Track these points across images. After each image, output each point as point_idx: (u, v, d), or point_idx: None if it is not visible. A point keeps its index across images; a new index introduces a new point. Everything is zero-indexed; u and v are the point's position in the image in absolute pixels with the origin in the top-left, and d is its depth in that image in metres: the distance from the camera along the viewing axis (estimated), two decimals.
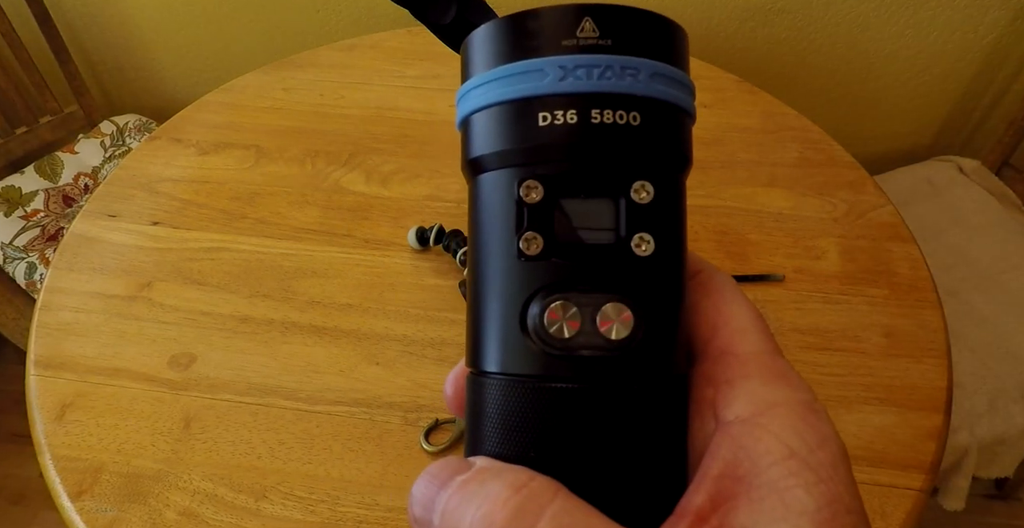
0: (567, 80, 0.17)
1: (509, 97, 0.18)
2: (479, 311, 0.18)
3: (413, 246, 0.69)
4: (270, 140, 0.83)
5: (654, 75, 0.17)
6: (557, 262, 0.17)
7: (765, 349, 0.19)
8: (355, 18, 1.23)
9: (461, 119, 0.19)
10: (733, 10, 1.14)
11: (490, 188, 0.18)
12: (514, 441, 0.17)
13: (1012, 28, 1.11)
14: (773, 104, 0.87)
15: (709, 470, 0.17)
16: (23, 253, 1.06)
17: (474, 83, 0.18)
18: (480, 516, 0.15)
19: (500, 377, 0.18)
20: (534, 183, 0.17)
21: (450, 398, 0.21)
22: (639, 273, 0.17)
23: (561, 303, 0.17)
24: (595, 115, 0.17)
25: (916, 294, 0.65)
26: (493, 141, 0.18)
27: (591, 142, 0.17)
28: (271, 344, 0.61)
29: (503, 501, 0.15)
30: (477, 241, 0.19)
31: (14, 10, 1.12)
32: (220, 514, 0.51)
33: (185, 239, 0.71)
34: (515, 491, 0.15)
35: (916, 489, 0.52)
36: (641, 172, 0.18)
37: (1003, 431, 0.85)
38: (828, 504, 0.15)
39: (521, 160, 0.18)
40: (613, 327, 0.17)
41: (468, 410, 0.19)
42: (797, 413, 0.17)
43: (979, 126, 1.26)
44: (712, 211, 0.74)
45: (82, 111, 1.24)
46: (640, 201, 0.17)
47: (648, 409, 0.17)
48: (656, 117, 0.18)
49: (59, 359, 0.60)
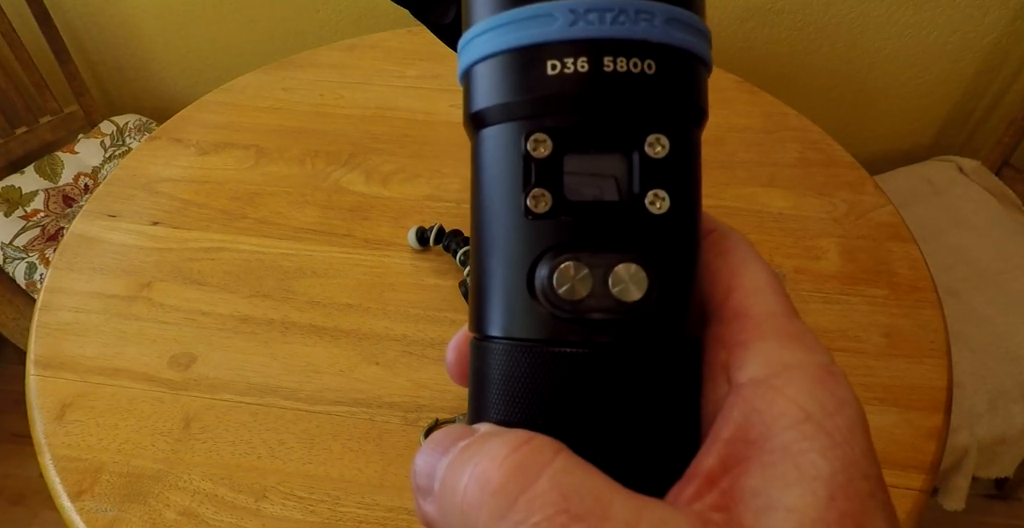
0: (578, 25, 0.16)
1: (515, 44, 0.16)
2: (483, 273, 0.18)
3: (413, 246, 0.69)
4: (270, 140, 0.83)
5: (670, 20, 0.16)
6: (567, 220, 0.16)
7: (781, 310, 0.18)
8: (355, 18, 1.23)
9: (463, 70, 0.18)
10: (733, 10, 1.14)
11: (494, 143, 0.17)
12: (520, 408, 0.16)
13: (1012, 28, 1.11)
14: (773, 104, 0.87)
15: (720, 433, 0.16)
16: (23, 253, 1.06)
17: (477, 30, 0.17)
18: (476, 474, 0.14)
19: (506, 342, 0.17)
20: (542, 136, 0.16)
21: (451, 365, 0.20)
22: (653, 232, 0.17)
23: (571, 263, 0.16)
24: (608, 63, 0.16)
25: (916, 294, 0.65)
26: (498, 92, 0.17)
27: (603, 92, 0.16)
28: (271, 344, 0.61)
29: (501, 459, 0.14)
30: (481, 199, 0.18)
31: (14, 10, 1.12)
32: (220, 514, 0.51)
33: (185, 239, 0.71)
34: (514, 449, 0.14)
35: (916, 489, 0.52)
36: (656, 125, 0.17)
37: (1003, 431, 0.85)
38: (843, 469, 0.15)
39: (528, 112, 0.17)
40: (626, 289, 0.16)
41: (472, 377, 0.18)
42: (813, 376, 0.16)
43: (979, 126, 1.26)
44: (712, 211, 0.73)
45: (82, 111, 1.24)
46: (655, 155, 0.16)
47: (661, 374, 0.17)
48: (672, 66, 0.17)
49: (59, 359, 0.60)
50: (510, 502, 0.14)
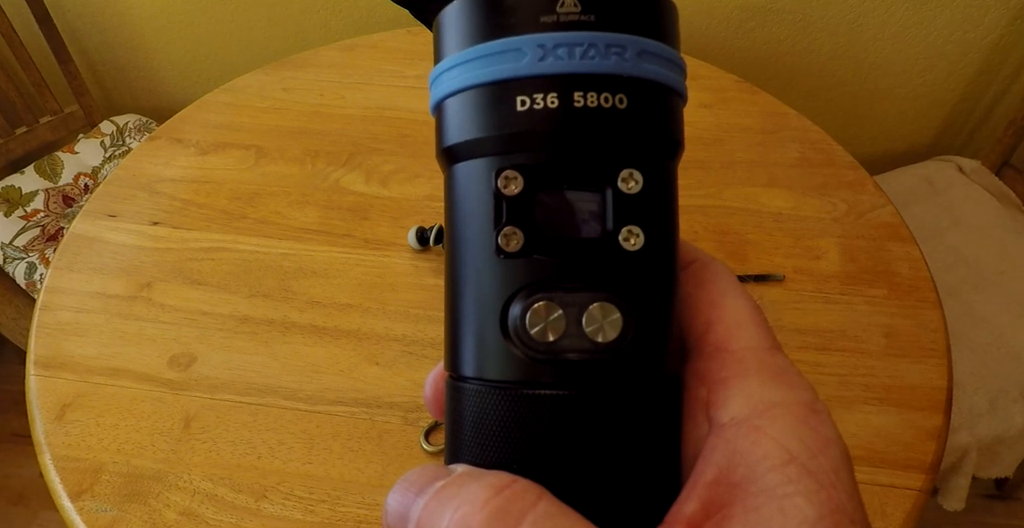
0: (547, 60, 0.16)
1: (484, 80, 0.16)
2: (456, 312, 0.17)
3: (413, 246, 0.69)
4: (270, 140, 0.83)
5: (642, 53, 0.16)
6: (539, 259, 0.16)
7: (763, 344, 0.17)
8: (355, 18, 1.23)
9: (434, 104, 0.18)
10: (733, 10, 1.14)
11: (466, 179, 0.17)
12: (496, 451, 0.16)
13: (1012, 28, 1.11)
14: (773, 104, 0.87)
15: (702, 476, 0.16)
16: (23, 253, 1.06)
17: (447, 64, 0.17)
18: (457, 519, 0.14)
19: (480, 383, 0.17)
20: (513, 174, 0.16)
21: (430, 400, 0.20)
22: (628, 269, 0.16)
23: (544, 304, 0.16)
24: (578, 98, 0.16)
25: (916, 294, 0.65)
26: (468, 128, 0.17)
27: (574, 128, 0.16)
28: (271, 344, 0.61)
29: (482, 503, 0.14)
30: (453, 236, 0.17)
31: (14, 10, 1.12)
32: (220, 514, 0.51)
33: (185, 239, 0.71)
34: (496, 492, 0.14)
35: (916, 489, 0.52)
36: (629, 160, 0.16)
37: (1003, 431, 0.85)
38: (830, 513, 0.14)
39: (498, 149, 0.16)
40: (601, 329, 0.16)
41: (447, 416, 0.18)
42: (797, 415, 0.16)
43: (979, 126, 1.26)
44: (712, 211, 0.74)
45: (82, 111, 1.24)
46: (628, 191, 0.16)
47: (639, 415, 0.16)
48: (644, 99, 0.16)
49: (59, 359, 0.60)
50: None
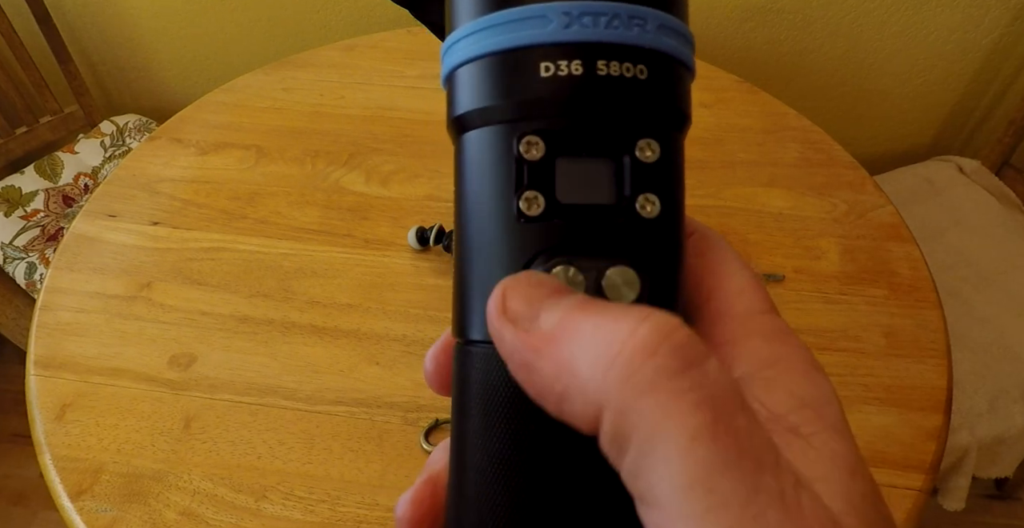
0: (572, 28, 0.16)
1: (507, 46, 0.16)
2: (469, 277, 0.17)
3: (413, 246, 0.69)
4: (270, 140, 0.83)
5: (661, 26, 0.16)
6: (559, 223, 0.16)
7: (764, 308, 0.18)
8: (355, 18, 1.23)
9: (447, 73, 0.18)
10: (733, 10, 1.14)
11: (484, 145, 0.17)
12: (504, 413, 0.16)
13: (1012, 28, 1.11)
14: (773, 104, 0.87)
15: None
16: (23, 253, 1.06)
17: (464, 32, 0.17)
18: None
19: (491, 346, 0.16)
20: (535, 139, 0.16)
21: (430, 373, 0.20)
22: (644, 236, 0.17)
23: (563, 267, 0.16)
24: (601, 67, 0.16)
25: (916, 294, 0.65)
26: (488, 94, 0.17)
27: (596, 96, 0.16)
28: (271, 344, 0.61)
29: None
30: (467, 203, 0.17)
31: (14, 10, 1.12)
32: (220, 514, 0.51)
33: (185, 239, 0.71)
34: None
35: (916, 489, 0.52)
36: (647, 130, 0.17)
37: (1003, 431, 0.85)
38: (853, 451, 0.15)
39: (520, 115, 0.16)
40: (619, 292, 0.16)
41: (455, 383, 0.18)
42: (800, 370, 0.16)
43: (979, 126, 1.26)
44: (712, 211, 0.74)
45: (82, 111, 1.24)
46: (646, 160, 0.16)
47: None
48: (662, 72, 0.17)
49: (59, 359, 0.60)
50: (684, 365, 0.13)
